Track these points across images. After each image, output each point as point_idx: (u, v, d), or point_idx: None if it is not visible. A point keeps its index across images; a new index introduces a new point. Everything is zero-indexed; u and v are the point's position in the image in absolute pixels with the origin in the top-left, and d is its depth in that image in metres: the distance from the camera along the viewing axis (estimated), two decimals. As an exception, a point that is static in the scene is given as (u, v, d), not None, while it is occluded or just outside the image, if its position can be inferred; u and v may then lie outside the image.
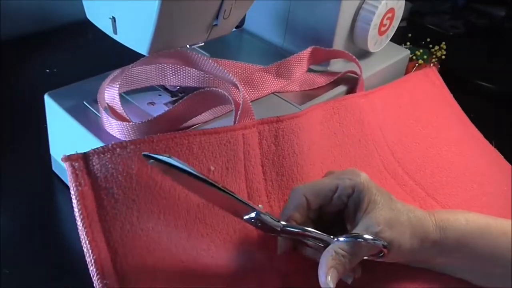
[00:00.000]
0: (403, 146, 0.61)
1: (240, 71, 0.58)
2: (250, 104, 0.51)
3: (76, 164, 0.39)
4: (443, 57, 0.86)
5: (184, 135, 0.44)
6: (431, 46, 0.92)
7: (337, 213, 0.46)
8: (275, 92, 0.59)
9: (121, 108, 0.49)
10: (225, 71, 0.51)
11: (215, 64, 0.51)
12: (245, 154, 0.48)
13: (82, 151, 0.40)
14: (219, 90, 0.50)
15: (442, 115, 0.67)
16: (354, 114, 0.58)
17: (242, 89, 0.50)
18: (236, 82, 0.50)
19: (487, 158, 0.64)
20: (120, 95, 0.53)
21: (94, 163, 0.40)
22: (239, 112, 0.49)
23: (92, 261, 0.37)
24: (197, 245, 0.43)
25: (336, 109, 0.57)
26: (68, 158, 0.39)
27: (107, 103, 0.50)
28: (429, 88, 0.69)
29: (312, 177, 0.51)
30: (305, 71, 0.62)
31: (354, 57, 0.62)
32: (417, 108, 0.65)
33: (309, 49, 0.62)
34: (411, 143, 0.61)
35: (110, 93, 0.50)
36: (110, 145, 0.41)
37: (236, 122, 0.48)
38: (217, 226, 0.45)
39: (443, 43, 0.91)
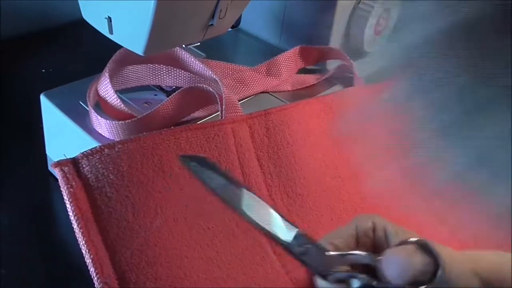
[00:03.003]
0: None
1: (230, 72, 0.58)
2: (237, 101, 0.51)
3: (66, 168, 0.40)
4: (439, 56, 0.86)
5: (170, 132, 0.45)
6: (427, 45, 0.92)
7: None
8: (268, 91, 0.59)
9: (117, 99, 0.49)
10: (205, 67, 0.51)
11: (197, 61, 0.52)
12: (237, 147, 0.48)
13: (78, 151, 0.40)
14: (204, 86, 0.50)
15: None
16: None
17: (222, 84, 0.50)
18: (216, 78, 0.50)
19: None
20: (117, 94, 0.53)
21: (84, 165, 0.40)
22: (223, 106, 0.49)
23: (91, 261, 0.37)
24: (200, 240, 0.43)
25: (336, 102, 0.56)
26: (58, 164, 0.40)
27: (100, 98, 0.50)
28: None
29: (313, 168, 0.51)
30: (296, 70, 0.62)
31: (345, 54, 0.62)
32: None
33: (297, 47, 0.62)
34: None
35: (103, 85, 0.50)
36: (98, 146, 0.41)
37: (223, 117, 0.48)
38: (218, 220, 0.44)
39: (439, 42, 0.91)
